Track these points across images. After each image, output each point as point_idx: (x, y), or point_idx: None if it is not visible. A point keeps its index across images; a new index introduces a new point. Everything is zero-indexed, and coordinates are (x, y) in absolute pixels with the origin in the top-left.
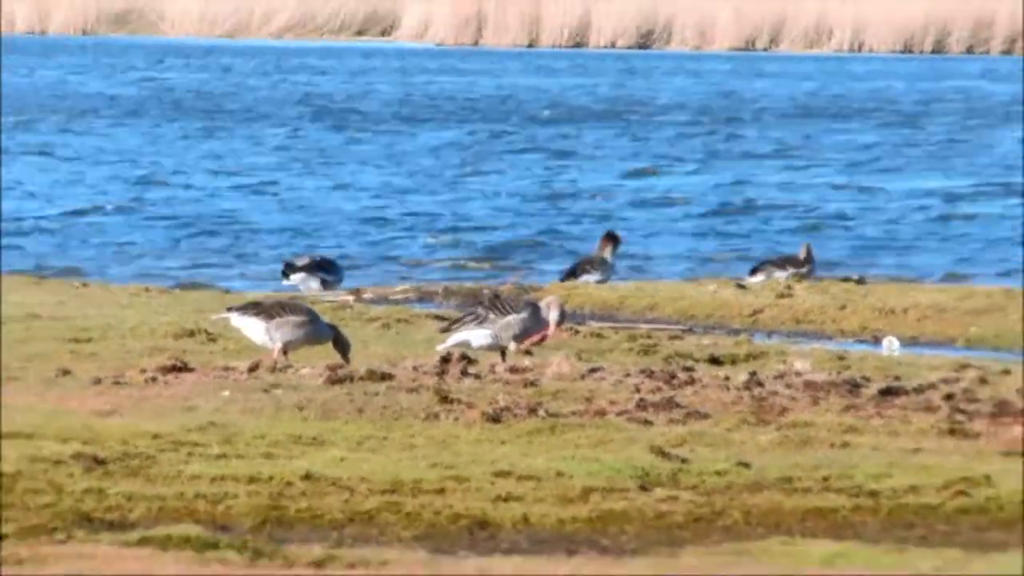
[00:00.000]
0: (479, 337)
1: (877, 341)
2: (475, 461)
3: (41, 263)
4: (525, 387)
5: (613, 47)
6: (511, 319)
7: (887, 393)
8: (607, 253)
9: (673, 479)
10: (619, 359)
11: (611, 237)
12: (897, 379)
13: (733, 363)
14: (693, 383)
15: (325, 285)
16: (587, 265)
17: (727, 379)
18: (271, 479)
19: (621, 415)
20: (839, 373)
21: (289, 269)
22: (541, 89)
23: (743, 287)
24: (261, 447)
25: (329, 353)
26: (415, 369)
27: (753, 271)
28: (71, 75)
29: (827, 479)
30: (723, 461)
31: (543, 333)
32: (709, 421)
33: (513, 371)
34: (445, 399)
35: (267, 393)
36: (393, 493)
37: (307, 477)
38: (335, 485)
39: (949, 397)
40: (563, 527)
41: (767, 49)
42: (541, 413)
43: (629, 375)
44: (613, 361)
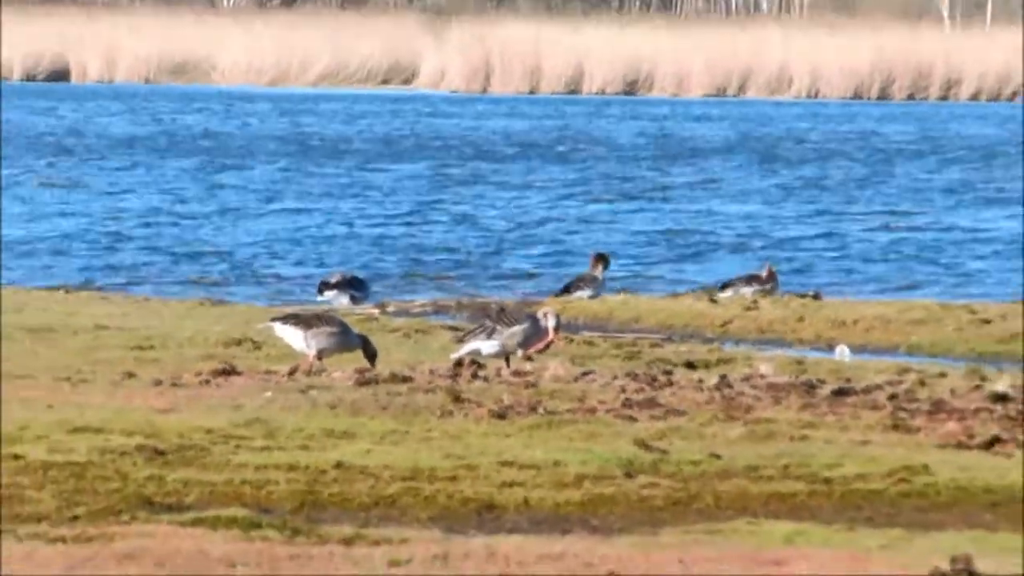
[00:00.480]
0: (488, 346)
1: (830, 348)
2: (483, 452)
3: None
4: (526, 388)
5: (603, 93)
6: (515, 329)
7: (839, 393)
8: (598, 271)
9: (654, 468)
10: (607, 364)
11: (601, 257)
12: (848, 381)
13: (706, 367)
14: (671, 385)
15: (354, 300)
16: (580, 282)
17: (701, 381)
18: (307, 468)
19: (609, 412)
20: (797, 376)
21: (323, 286)
22: (510, 129)
23: (715, 301)
24: (299, 440)
25: (357, 359)
26: (431, 373)
27: (723, 287)
28: (101, 117)
29: (787, 468)
30: (697, 452)
31: (545, 341)
32: (685, 418)
33: (516, 374)
34: (457, 399)
35: (304, 393)
36: (412, 480)
37: (338, 466)
38: (362, 473)
39: (892, 397)
40: (559, 509)
41: (736, 95)
42: (540, 411)
43: (616, 378)
44: (602, 366)
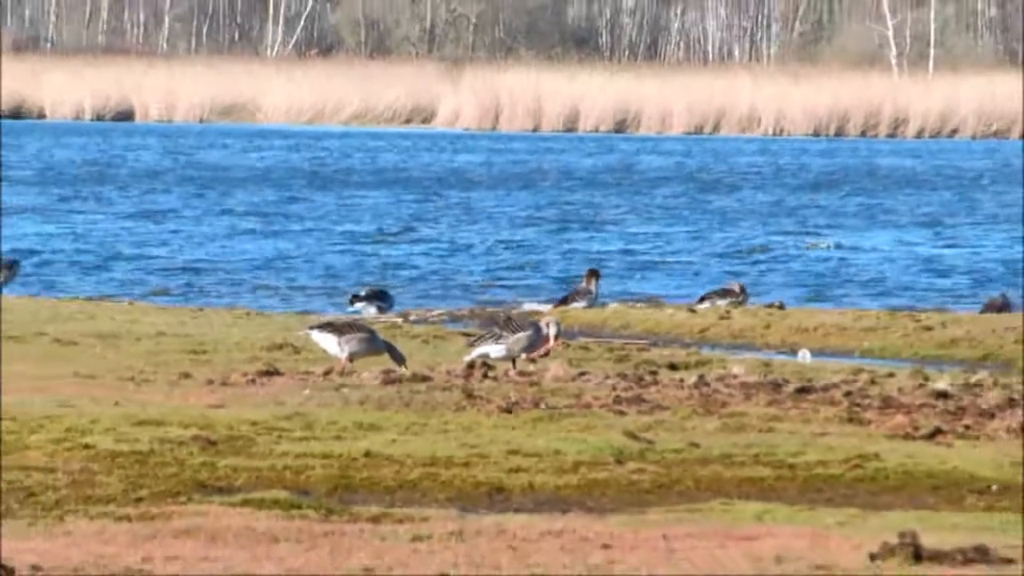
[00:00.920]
0: (496, 350)
1: (793, 352)
2: (493, 442)
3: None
4: (530, 387)
5: (597, 131)
6: (520, 336)
7: (801, 391)
8: (592, 285)
9: (641, 456)
10: (600, 366)
11: (594, 273)
12: (809, 380)
13: (686, 368)
14: (656, 384)
15: (380, 310)
16: (576, 295)
17: (681, 381)
18: (340, 456)
19: (602, 407)
20: (765, 376)
21: (354, 298)
22: (488, 162)
23: (693, 311)
24: (333, 431)
25: (383, 362)
26: (448, 373)
27: (700, 300)
28: (134, 151)
29: (757, 456)
30: (679, 442)
31: (547, 346)
32: (668, 412)
33: (521, 375)
34: (470, 396)
35: (337, 391)
36: (431, 466)
37: (367, 454)
38: (388, 460)
39: (848, 394)
40: (559, 492)
41: (712, 132)
42: (542, 406)
43: (608, 378)
44: (596, 367)
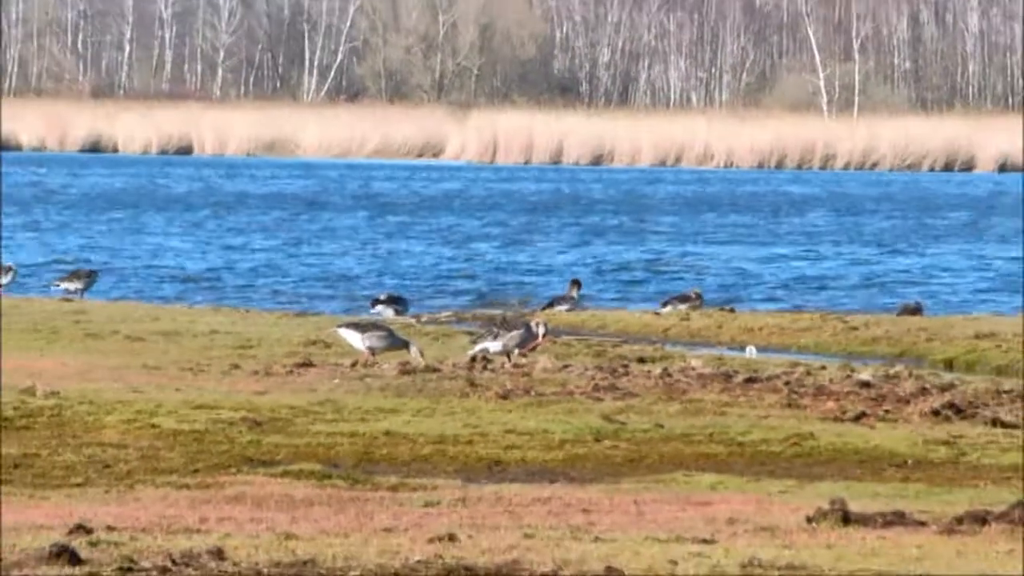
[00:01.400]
0: (494, 346)
1: (742, 348)
2: (492, 423)
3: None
4: (523, 377)
5: (577, 164)
6: (514, 334)
7: (749, 381)
8: (574, 292)
9: (615, 435)
10: (581, 360)
11: (576, 282)
12: (755, 372)
13: (652, 362)
14: (627, 374)
15: (397, 312)
16: (560, 300)
17: (649, 372)
18: (364, 434)
19: (582, 394)
20: (718, 368)
21: (375, 302)
22: (462, 191)
23: (658, 314)
24: (358, 414)
25: (400, 356)
26: (454, 366)
27: (664, 304)
28: (166, 180)
29: (711, 435)
30: (647, 423)
31: (536, 343)
32: (637, 398)
33: (515, 367)
34: (473, 384)
35: (361, 380)
36: (440, 443)
37: (387, 433)
38: (404, 438)
39: (787, 383)
40: (547, 465)
41: (673, 165)
42: (532, 393)
43: (587, 369)
44: (577, 361)
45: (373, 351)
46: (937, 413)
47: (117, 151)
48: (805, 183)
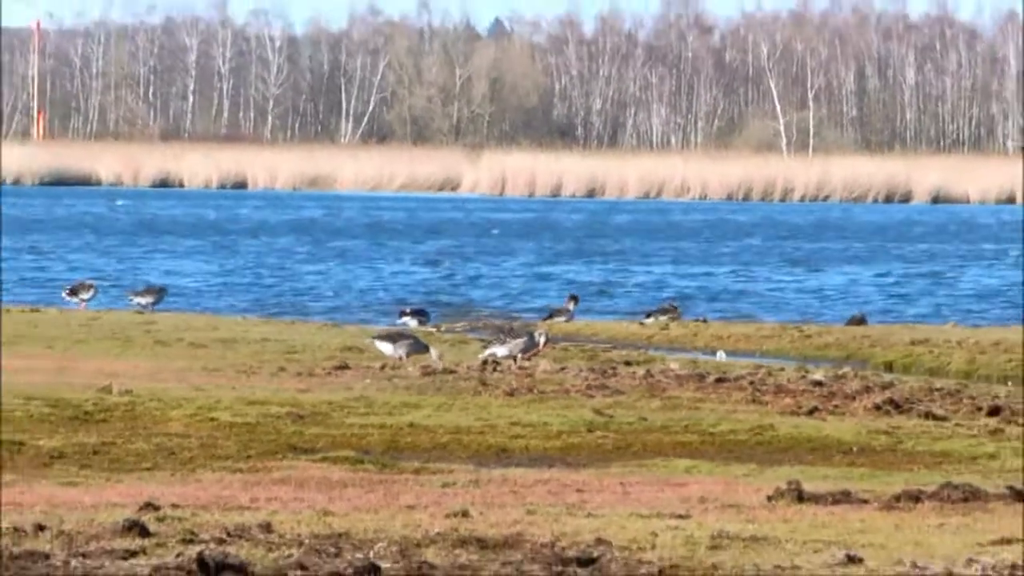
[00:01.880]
0: (502, 351)
1: (713, 353)
2: (500, 417)
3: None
4: (526, 377)
5: (574, 196)
6: (519, 341)
7: (719, 381)
8: (570, 306)
9: (605, 426)
10: (576, 363)
11: (573, 297)
12: (724, 373)
13: (637, 364)
14: (616, 375)
15: (420, 323)
16: (558, 312)
17: (634, 373)
18: (391, 426)
19: (577, 392)
20: (693, 370)
21: (401, 313)
22: (452, 219)
23: (642, 324)
24: (386, 409)
25: (422, 360)
26: (468, 368)
27: (647, 316)
28: (201, 210)
29: (687, 427)
30: (632, 417)
31: (538, 349)
32: (624, 395)
33: (520, 369)
34: (484, 384)
35: (390, 380)
36: (456, 434)
37: (410, 425)
38: (425, 429)
39: (751, 383)
40: (547, 452)
41: (655, 197)
42: (535, 391)
43: (581, 371)
44: (573, 364)
45: (402, 357)
46: (879, 408)
47: (183, 186)
48: (749, 212)
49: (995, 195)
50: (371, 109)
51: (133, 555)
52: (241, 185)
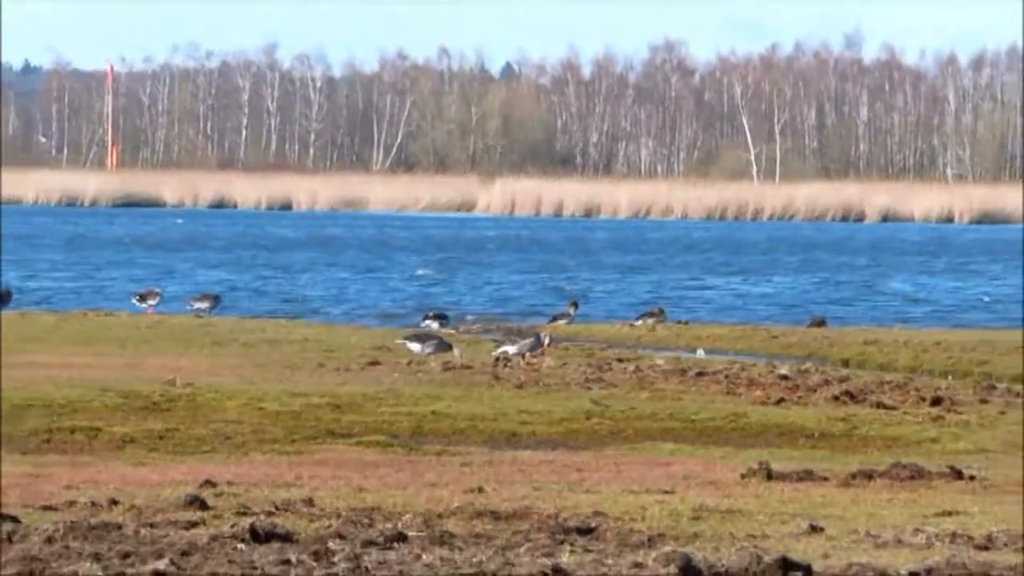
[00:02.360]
0: (512, 350)
1: (694, 351)
2: (510, 406)
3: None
4: (533, 372)
5: (573, 216)
6: (527, 341)
7: (699, 374)
8: (571, 310)
9: (601, 415)
10: (576, 360)
11: (574, 303)
12: (703, 368)
13: (628, 361)
14: (611, 370)
15: (441, 325)
16: (560, 316)
17: (625, 368)
18: (417, 414)
19: (577, 385)
20: (677, 366)
21: (425, 317)
22: (460, 234)
23: (633, 326)
24: (412, 400)
25: (444, 357)
26: (483, 364)
27: (638, 319)
28: (231, 226)
29: (672, 415)
30: (624, 406)
31: (543, 348)
32: (618, 388)
33: (527, 365)
34: (497, 378)
35: (415, 375)
36: (472, 421)
37: (433, 413)
38: (446, 417)
39: (727, 377)
40: (551, 437)
41: (644, 216)
42: (541, 384)
43: (580, 367)
44: (573, 360)
45: (428, 355)
46: (837, 399)
47: (236, 207)
48: (707, 230)
49: (936, 215)
50: (399, 141)
51: (194, 525)
52: (287, 206)
